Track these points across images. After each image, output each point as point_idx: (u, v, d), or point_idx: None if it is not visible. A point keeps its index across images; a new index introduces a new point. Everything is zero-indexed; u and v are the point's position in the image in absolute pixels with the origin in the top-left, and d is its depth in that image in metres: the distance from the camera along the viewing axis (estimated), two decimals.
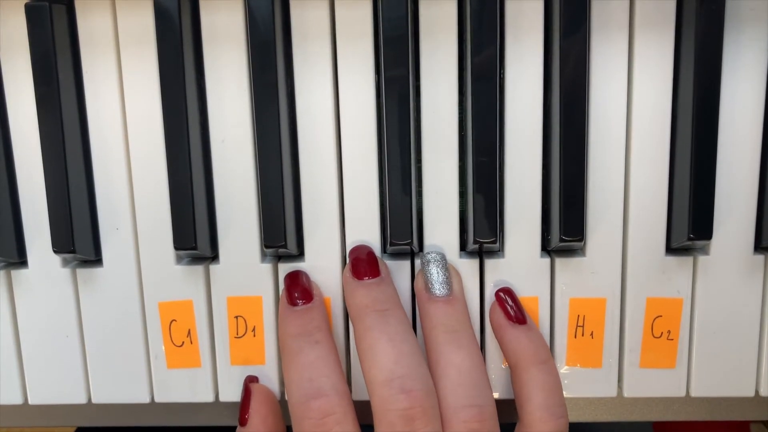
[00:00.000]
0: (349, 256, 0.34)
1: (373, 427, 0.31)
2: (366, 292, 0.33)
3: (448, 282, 0.33)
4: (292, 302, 0.33)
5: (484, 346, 0.35)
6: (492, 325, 0.34)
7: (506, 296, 0.34)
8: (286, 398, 0.32)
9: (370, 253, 0.34)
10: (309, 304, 0.33)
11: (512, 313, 0.34)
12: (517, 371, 0.33)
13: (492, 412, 0.31)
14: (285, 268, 0.35)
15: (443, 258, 0.34)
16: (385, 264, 0.34)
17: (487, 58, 0.31)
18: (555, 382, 0.33)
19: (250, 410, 0.33)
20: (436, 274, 0.33)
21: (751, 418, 0.37)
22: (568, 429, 0.32)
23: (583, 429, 0.52)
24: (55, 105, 0.32)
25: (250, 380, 0.35)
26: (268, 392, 0.34)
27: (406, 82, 0.32)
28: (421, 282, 0.34)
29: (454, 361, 0.32)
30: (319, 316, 0.33)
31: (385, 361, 0.30)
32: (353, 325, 0.33)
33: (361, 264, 0.33)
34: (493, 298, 0.35)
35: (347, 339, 0.36)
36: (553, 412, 0.32)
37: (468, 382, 0.31)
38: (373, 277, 0.33)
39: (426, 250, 0.34)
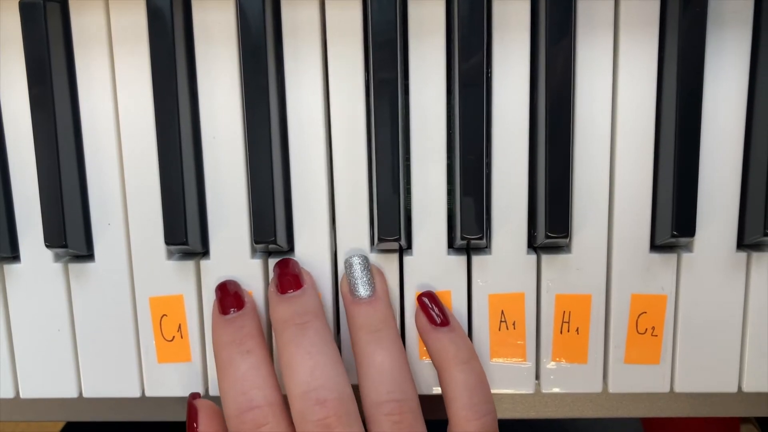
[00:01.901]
0: (273, 271, 0.34)
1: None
2: (286, 306, 0.33)
3: (370, 283, 0.34)
4: (223, 311, 0.34)
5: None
6: (417, 329, 0.35)
7: (428, 300, 0.35)
8: (223, 410, 0.32)
9: (294, 266, 0.34)
10: (240, 312, 0.34)
11: (434, 316, 0.34)
12: (442, 373, 0.34)
13: (412, 406, 0.32)
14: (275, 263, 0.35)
15: (365, 260, 0.34)
16: (309, 275, 0.35)
17: (474, 64, 0.32)
18: (477, 381, 0.33)
19: (200, 428, 0.33)
20: (359, 276, 0.34)
21: (734, 414, 0.38)
22: (495, 424, 0.33)
23: (574, 426, 0.53)
24: (48, 101, 0.33)
25: (194, 397, 0.35)
26: (213, 407, 0.34)
27: (395, 84, 0.32)
28: (346, 285, 0.34)
29: (375, 360, 0.33)
30: (250, 323, 0.34)
31: (301, 374, 0.31)
32: (275, 340, 0.34)
33: (284, 278, 0.34)
34: (480, 295, 0.35)
35: (338, 333, 0.36)
36: (477, 410, 0.33)
37: (388, 379, 0.32)
38: (295, 290, 0.33)
39: (348, 254, 0.35)
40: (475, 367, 0.34)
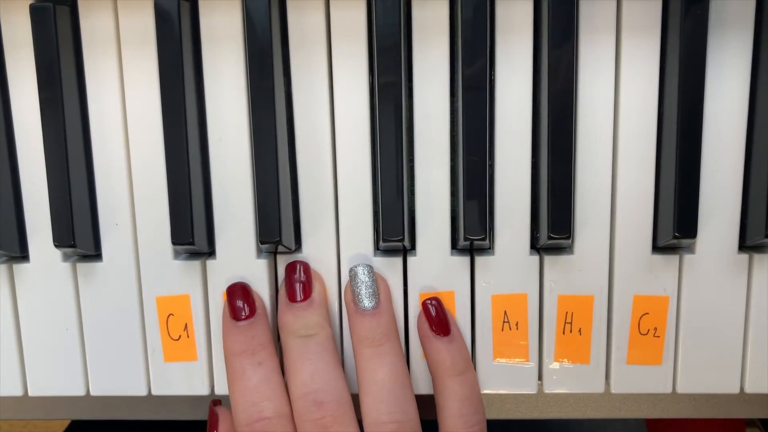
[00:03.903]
0: (285, 272, 0.35)
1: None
2: (293, 316, 0.34)
3: (375, 294, 0.34)
4: (235, 317, 0.34)
5: (474, 345, 0.36)
6: (418, 333, 0.35)
7: (432, 307, 0.35)
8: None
9: (303, 272, 0.35)
10: (252, 319, 0.34)
11: (436, 324, 0.35)
12: (436, 381, 0.34)
13: (413, 426, 0.33)
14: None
15: (371, 270, 0.35)
16: (320, 279, 0.35)
17: (478, 67, 0.32)
18: (470, 393, 0.34)
19: None
20: (363, 286, 0.34)
21: (736, 415, 0.38)
22: None
23: (578, 426, 0.53)
24: (57, 103, 0.33)
25: (215, 404, 0.36)
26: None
27: (398, 87, 0.33)
28: (350, 294, 0.35)
29: (377, 377, 0.33)
30: (262, 332, 0.34)
31: (302, 377, 0.33)
32: (281, 341, 0.34)
33: (293, 286, 0.34)
34: (483, 296, 0.35)
35: (342, 333, 0.37)
36: (466, 421, 0.33)
37: (389, 398, 0.33)
38: (304, 300, 0.34)
39: (353, 260, 0.35)
40: (469, 378, 0.34)
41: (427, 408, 0.35)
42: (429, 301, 0.35)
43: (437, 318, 0.35)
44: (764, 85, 0.33)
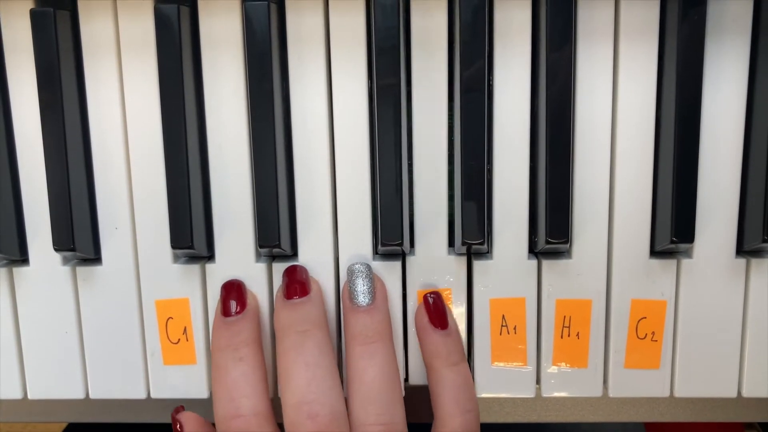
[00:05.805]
0: (282, 277, 0.35)
1: None
2: (289, 312, 0.34)
3: (371, 291, 0.34)
4: (225, 312, 0.34)
5: (471, 349, 0.36)
6: (415, 325, 0.36)
7: (432, 301, 0.35)
8: (214, 412, 0.33)
9: (302, 273, 0.35)
10: (240, 316, 0.34)
11: (435, 317, 0.35)
12: (431, 371, 0.35)
13: (398, 429, 0.33)
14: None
15: (368, 268, 0.35)
16: (317, 283, 0.35)
17: (476, 70, 0.32)
18: (464, 382, 0.34)
19: None
20: (360, 284, 0.34)
21: (734, 419, 0.38)
22: (478, 422, 0.34)
23: (577, 430, 0.53)
24: (57, 107, 0.33)
25: (177, 411, 0.35)
26: (198, 419, 0.35)
27: (397, 89, 0.33)
28: (346, 292, 0.35)
29: (366, 377, 0.33)
30: (248, 329, 0.34)
31: (297, 384, 0.32)
32: (276, 344, 0.34)
33: (291, 285, 0.34)
34: (481, 300, 0.35)
35: (339, 338, 0.37)
36: (461, 407, 0.33)
37: (377, 399, 0.33)
38: (301, 297, 0.34)
39: (350, 261, 0.35)
40: (463, 369, 0.35)
41: (419, 412, 0.36)
42: (429, 295, 0.35)
43: (436, 310, 0.35)
44: (761, 90, 0.33)
